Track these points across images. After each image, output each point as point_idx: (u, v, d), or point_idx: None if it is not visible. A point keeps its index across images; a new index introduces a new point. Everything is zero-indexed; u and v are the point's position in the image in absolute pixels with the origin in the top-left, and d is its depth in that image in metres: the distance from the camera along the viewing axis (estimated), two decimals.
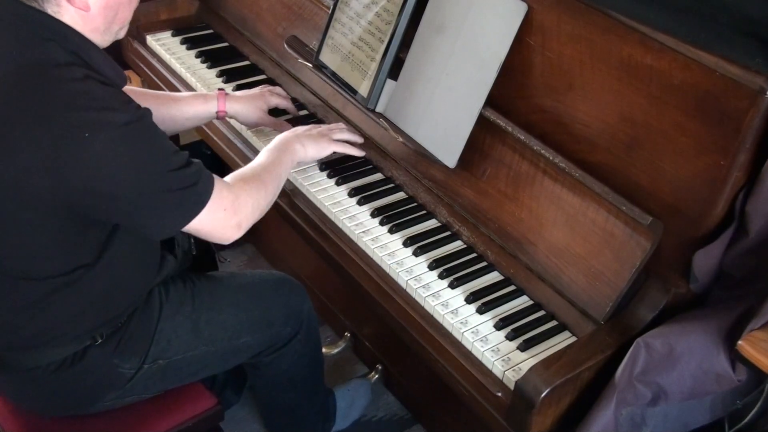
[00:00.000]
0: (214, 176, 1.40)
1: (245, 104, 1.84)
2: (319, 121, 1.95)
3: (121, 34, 1.40)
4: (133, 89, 1.74)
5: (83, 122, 1.22)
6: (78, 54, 1.28)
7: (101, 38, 1.34)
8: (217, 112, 1.81)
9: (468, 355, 1.42)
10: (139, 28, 2.23)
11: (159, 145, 1.33)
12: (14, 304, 1.40)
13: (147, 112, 1.32)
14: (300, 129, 1.72)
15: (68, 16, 1.28)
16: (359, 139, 1.80)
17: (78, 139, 1.21)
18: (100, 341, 1.47)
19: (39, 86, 1.23)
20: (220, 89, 1.84)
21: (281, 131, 1.77)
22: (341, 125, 1.80)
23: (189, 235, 1.55)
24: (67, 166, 1.22)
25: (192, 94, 1.85)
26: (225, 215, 1.40)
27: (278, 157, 1.60)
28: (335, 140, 1.73)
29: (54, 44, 1.25)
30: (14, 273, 1.37)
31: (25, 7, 1.25)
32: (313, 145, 1.68)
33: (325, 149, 1.71)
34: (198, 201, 1.36)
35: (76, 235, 1.34)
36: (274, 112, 1.91)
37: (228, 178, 1.47)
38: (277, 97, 1.90)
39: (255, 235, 2.23)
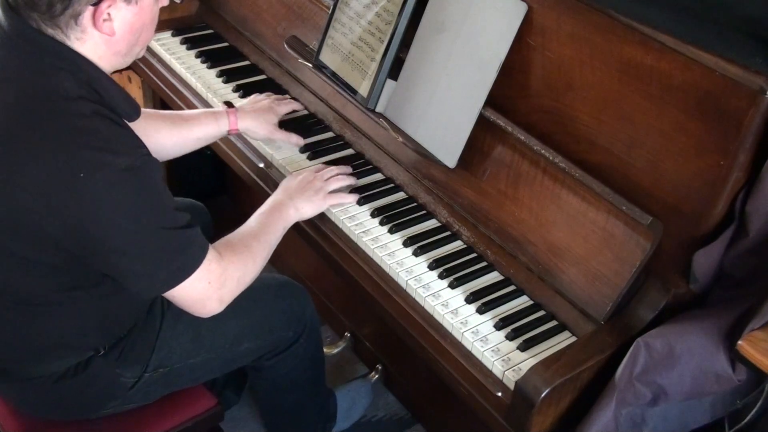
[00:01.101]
0: (208, 245, 1.36)
1: (255, 120, 1.80)
2: (318, 122, 1.95)
3: (141, 54, 1.38)
4: (143, 110, 1.71)
5: (81, 160, 1.18)
6: (91, 85, 1.26)
7: (122, 60, 1.33)
8: (228, 131, 1.78)
9: (468, 355, 1.42)
10: None
11: (158, 198, 1.28)
12: (15, 324, 1.40)
13: (153, 162, 1.28)
14: (293, 184, 1.63)
15: (92, 42, 1.25)
16: (352, 180, 1.72)
17: (74, 177, 1.18)
18: (102, 352, 1.47)
19: (44, 117, 1.21)
20: (228, 105, 1.81)
21: (291, 142, 1.82)
22: (333, 171, 1.70)
23: None
24: (61, 202, 1.19)
25: (201, 112, 1.80)
26: (208, 288, 1.36)
27: (271, 224, 1.53)
28: (330, 193, 1.65)
29: (67, 74, 1.23)
30: (17, 298, 1.37)
31: (42, 36, 1.23)
32: (309, 206, 1.61)
33: (321, 207, 1.64)
34: (185, 268, 1.31)
35: (78, 265, 1.31)
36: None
37: (218, 244, 1.42)
38: (285, 105, 1.87)
39: None
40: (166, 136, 1.70)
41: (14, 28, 1.24)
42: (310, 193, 1.62)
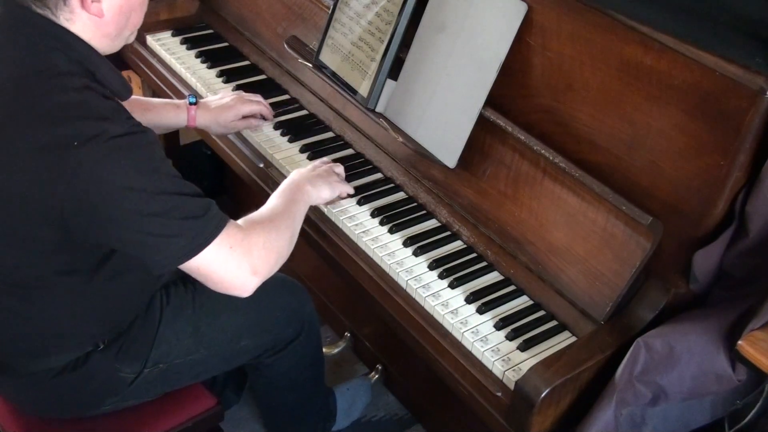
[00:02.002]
0: (227, 216, 1.33)
1: (214, 118, 1.81)
2: (318, 122, 1.95)
3: (131, 39, 1.38)
4: None
5: (75, 131, 1.18)
6: (83, 64, 1.26)
7: (111, 44, 1.33)
8: (186, 125, 1.81)
9: (468, 355, 1.42)
10: (139, 28, 2.22)
11: (161, 165, 1.26)
12: (12, 311, 1.40)
13: (150, 133, 1.27)
14: (305, 169, 1.64)
15: (80, 23, 1.26)
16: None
17: (68, 147, 1.17)
18: (102, 347, 1.47)
19: (36, 94, 1.21)
20: (192, 102, 1.80)
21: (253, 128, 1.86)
22: (340, 167, 1.70)
23: None
24: (58, 176, 1.19)
25: (164, 102, 1.81)
26: (233, 254, 1.30)
27: (291, 199, 1.51)
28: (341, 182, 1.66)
29: (58, 53, 1.24)
30: (14, 281, 1.36)
31: (34, 14, 1.24)
32: (326, 186, 1.60)
33: (337, 190, 1.64)
34: (202, 235, 1.27)
35: (77, 246, 1.31)
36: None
37: (237, 220, 1.40)
38: (249, 105, 1.85)
39: None
40: None
41: (6, 10, 1.25)
42: (324, 174, 1.62)
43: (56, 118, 1.20)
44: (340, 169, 1.71)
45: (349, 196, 1.70)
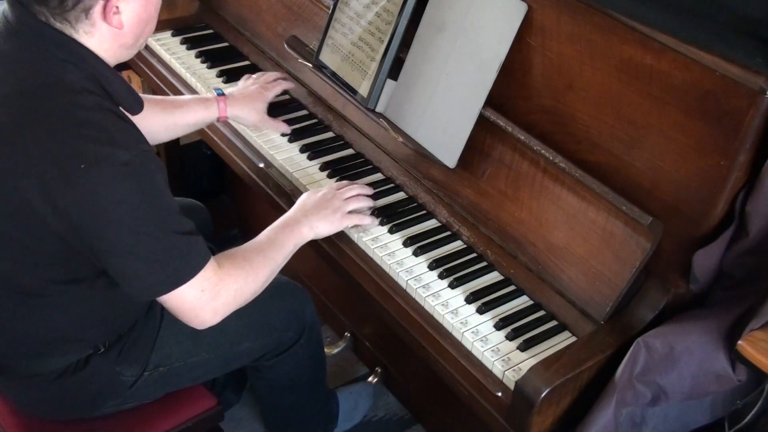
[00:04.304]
0: (209, 255, 1.34)
1: (244, 108, 1.82)
2: (319, 122, 1.95)
3: (143, 46, 1.39)
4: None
5: (82, 153, 1.19)
6: (96, 78, 1.26)
7: (128, 53, 1.33)
8: (218, 118, 1.80)
9: (468, 355, 1.42)
10: None
11: (158, 198, 1.27)
12: (15, 316, 1.40)
13: (154, 161, 1.27)
14: (310, 202, 1.59)
15: (99, 35, 1.26)
16: (371, 202, 1.68)
17: (74, 168, 1.18)
18: (102, 350, 1.47)
19: (47, 109, 1.21)
20: (219, 93, 1.81)
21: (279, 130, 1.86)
22: (354, 190, 1.65)
23: None
24: (60, 193, 1.19)
25: (193, 98, 1.82)
26: (200, 296, 1.33)
27: (280, 241, 1.51)
28: (348, 213, 1.60)
29: (71, 67, 1.24)
30: (15, 288, 1.37)
31: (49, 29, 1.23)
32: (325, 225, 1.57)
33: (339, 227, 1.59)
34: (179, 275, 1.29)
35: (76, 257, 1.31)
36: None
37: (220, 256, 1.41)
38: (272, 88, 1.88)
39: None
40: (158, 122, 1.71)
41: (21, 21, 1.24)
42: (328, 212, 1.58)
43: (66, 137, 1.20)
44: (355, 205, 1.63)
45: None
